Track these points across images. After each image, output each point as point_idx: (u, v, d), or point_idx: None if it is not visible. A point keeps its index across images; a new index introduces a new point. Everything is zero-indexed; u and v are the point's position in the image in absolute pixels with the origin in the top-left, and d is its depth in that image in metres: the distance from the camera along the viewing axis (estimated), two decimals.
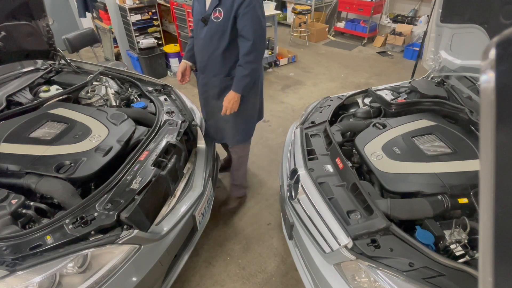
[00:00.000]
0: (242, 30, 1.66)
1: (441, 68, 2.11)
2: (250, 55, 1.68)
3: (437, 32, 2.01)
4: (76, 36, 3.30)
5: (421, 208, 1.28)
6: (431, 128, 1.72)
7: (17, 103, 2.05)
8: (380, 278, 1.10)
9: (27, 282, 1.11)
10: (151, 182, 1.46)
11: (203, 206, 1.76)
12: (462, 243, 1.17)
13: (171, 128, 1.82)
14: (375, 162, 1.51)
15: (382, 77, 4.63)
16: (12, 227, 1.25)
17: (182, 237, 1.63)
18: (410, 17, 5.68)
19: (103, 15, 4.66)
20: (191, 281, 1.92)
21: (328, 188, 1.44)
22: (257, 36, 1.66)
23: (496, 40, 0.40)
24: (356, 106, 2.16)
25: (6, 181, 1.45)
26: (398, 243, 1.16)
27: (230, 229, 2.25)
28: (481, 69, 0.41)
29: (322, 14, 6.45)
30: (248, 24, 1.64)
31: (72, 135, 1.68)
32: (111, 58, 4.86)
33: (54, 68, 2.43)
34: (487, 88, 0.40)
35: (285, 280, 1.92)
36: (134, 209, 1.32)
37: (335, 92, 3.94)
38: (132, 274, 1.29)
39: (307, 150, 1.67)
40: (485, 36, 1.67)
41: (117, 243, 1.25)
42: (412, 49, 5.16)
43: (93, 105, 2.11)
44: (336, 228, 1.26)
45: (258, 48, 1.70)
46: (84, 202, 1.32)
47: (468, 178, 1.38)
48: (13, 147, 1.57)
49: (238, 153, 2.18)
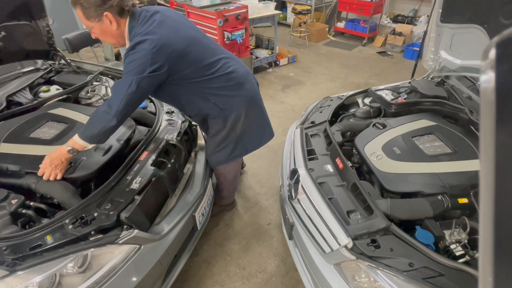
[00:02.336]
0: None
1: (441, 68, 2.11)
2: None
3: (437, 32, 2.01)
4: (76, 36, 3.29)
5: (421, 208, 1.28)
6: (431, 128, 1.72)
7: (17, 103, 2.05)
8: (380, 278, 1.10)
9: (27, 282, 1.11)
10: (151, 182, 1.46)
11: (203, 206, 1.76)
12: (462, 243, 1.17)
13: (171, 128, 1.82)
14: (375, 162, 1.51)
15: (382, 77, 4.63)
16: (12, 227, 1.25)
17: (182, 237, 1.62)
18: (410, 17, 5.68)
19: None
20: (191, 281, 1.92)
21: (328, 188, 1.44)
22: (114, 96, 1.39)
23: (496, 40, 0.40)
24: (356, 106, 2.16)
25: (6, 181, 1.45)
26: (398, 243, 1.16)
27: (230, 229, 2.25)
28: (481, 69, 0.41)
29: (322, 14, 6.45)
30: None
31: (72, 135, 1.68)
32: (111, 58, 4.86)
33: (54, 68, 2.43)
34: (487, 88, 0.40)
35: (285, 280, 1.92)
36: (134, 209, 1.32)
37: (335, 92, 3.94)
38: (132, 274, 1.29)
39: (307, 150, 1.67)
40: (485, 36, 1.67)
41: (117, 243, 1.25)
42: (412, 49, 5.16)
43: (93, 105, 2.11)
44: (336, 228, 1.26)
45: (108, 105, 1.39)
46: (84, 202, 1.32)
47: (468, 178, 1.38)
48: (13, 147, 1.57)
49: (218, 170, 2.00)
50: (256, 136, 1.85)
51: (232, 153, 1.81)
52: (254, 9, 4.35)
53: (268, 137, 1.92)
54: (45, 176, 1.40)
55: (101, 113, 1.39)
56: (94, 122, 1.41)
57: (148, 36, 1.34)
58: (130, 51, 1.35)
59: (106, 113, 1.37)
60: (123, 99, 1.35)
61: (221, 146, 1.78)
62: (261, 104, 1.83)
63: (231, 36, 3.84)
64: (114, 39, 1.47)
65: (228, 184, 2.13)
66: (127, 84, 1.33)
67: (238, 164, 2.10)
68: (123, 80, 1.36)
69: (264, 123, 1.88)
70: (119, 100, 1.35)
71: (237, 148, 1.81)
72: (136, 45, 1.34)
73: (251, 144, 1.85)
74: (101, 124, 1.38)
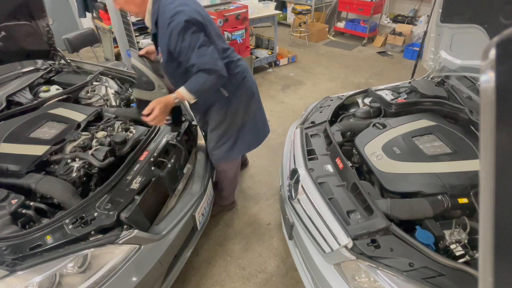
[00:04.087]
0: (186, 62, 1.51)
1: (441, 68, 2.11)
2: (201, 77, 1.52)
3: (437, 32, 2.01)
4: (76, 36, 3.30)
5: (421, 208, 1.28)
6: (431, 128, 1.72)
7: (17, 103, 2.05)
8: (380, 278, 1.10)
9: (27, 282, 1.11)
10: (151, 182, 1.46)
11: (203, 206, 1.76)
12: (462, 243, 1.17)
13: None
14: (375, 162, 1.51)
15: (382, 77, 4.63)
16: (12, 227, 1.25)
17: (182, 237, 1.63)
18: (410, 17, 5.68)
19: (103, 15, 4.65)
20: (191, 281, 1.92)
21: (328, 188, 1.44)
22: (200, 58, 1.48)
23: (496, 40, 0.40)
24: (356, 106, 2.16)
25: (6, 181, 1.45)
26: (398, 243, 1.16)
27: (230, 229, 2.25)
28: (481, 69, 0.41)
29: (322, 14, 6.45)
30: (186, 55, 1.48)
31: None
32: (111, 58, 4.86)
33: (54, 68, 2.44)
34: (487, 88, 0.40)
35: (285, 280, 1.92)
36: (134, 209, 1.32)
37: (335, 92, 3.94)
38: (132, 274, 1.29)
39: (307, 150, 1.67)
40: (485, 36, 1.67)
41: (117, 243, 1.25)
42: (412, 49, 5.16)
43: (93, 105, 2.11)
44: (336, 228, 1.26)
45: (206, 68, 1.50)
46: (84, 202, 1.32)
47: (468, 178, 1.38)
48: (13, 147, 1.57)
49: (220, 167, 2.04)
50: (255, 131, 1.93)
51: (233, 149, 1.87)
52: (254, 9, 4.35)
53: (266, 133, 2.03)
54: (157, 121, 1.52)
55: (202, 74, 1.50)
56: (199, 81, 1.52)
57: (183, 7, 1.45)
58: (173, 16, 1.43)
59: (207, 73, 1.49)
60: (208, 55, 1.47)
61: (222, 141, 1.84)
62: (259, 99, 1.91)
63: (231, 36, 3.84)
64: (137, 7, 1.54)
65: (228, 183, 2.15)
66: (203, 46, 1.46)
67: (239, 162, 2.12)
68: (196, 48, 1.46)
69: (263, 117, 1.99)
70: (208, 59, 1.47)
71: (238, 144, 1.87)
72: (176, 15, 1.43)
73: (251, 140, 1.93)
74: (205, 82, 1.51)
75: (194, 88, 1.52)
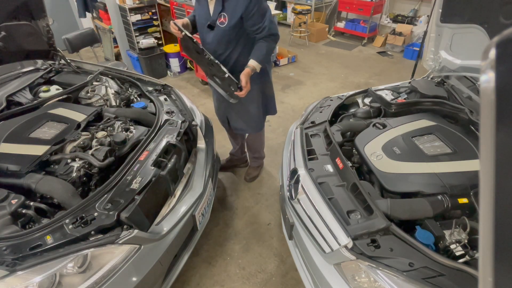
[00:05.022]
0: (253, 26, 1.77)
1: (441, 68, 2.11)
2: (268, 39, 1.83)
3: (437, 32, 2.01)
4: (76, 36, 3.30)
5: (421, 208, 1.28)
6: (431, 128, 1.72)
7: (17, 103, 2.05)
8: (380, 278, 1.10)
9: (27, 282, 1.11)
10: (151, 182, 1.46)
11: (203, 206, 1.76)
12: (462, 243, 1.17)
13: (171, 128, 1.82)
14: (375, 162, 1.51)
15: (382, 77, 4.64)
16: (12, 227, 1.25)
17: (182, 237, 1.63)
18: (410, 17, 5.68)
19: (103, 15, 4.66)
20: (191, 281, 1.92)
21: (328, 188, 1.43)
22: (270, 24, 1.80)
23: (496, 40, 0.40)
24: (356, 106, 2.16)
25: (6, 181, 1.45)
26: (398, 243, 1.16)
27: (230, 229, 2.26)
28: (481, 69, 0.41)
29: (322, 14, 6.45)
30: (258, 19, 1.74)
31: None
32: (111, 58, 4.86)
33: (54, 68, 2.43)
34: (487, 88, 0.40)
35: (285, 280, 1.92)
36: (134, 209, 1.32)
37: (335, 92, 3.94)
38: (132, 274, 1.29)
39: (307, 150, 1.67)
40: (485, 36, 1.67)
41: (117, 243, 1.25)
42: (412, 49, 5.16)
43: (93, 105, 2.11)
44: (336, 228, 1.26)
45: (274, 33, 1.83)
46: (84, 202, 1.32)
47: (468, 178, 1.38)
48: (13, 147, 1.57)
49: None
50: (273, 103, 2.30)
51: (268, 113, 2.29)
52: None
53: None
54: (247, 90, 1.81)
55: (263, 43, 1.82)
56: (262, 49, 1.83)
57: None
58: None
59: (273, 38, 1.84)
60: (274, 22, 1.84)
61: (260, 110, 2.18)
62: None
63: None
64: None
65: (263, 142, 2.58)
66: (270, 13, 1.80)
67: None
68: (266, 13, 1.77)
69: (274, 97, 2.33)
70: (275, 25, 1.84)
71: (269, 107, 2.27)
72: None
73: (274, 104, 2.31)
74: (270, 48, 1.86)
75: (260, 57, 1.82)
